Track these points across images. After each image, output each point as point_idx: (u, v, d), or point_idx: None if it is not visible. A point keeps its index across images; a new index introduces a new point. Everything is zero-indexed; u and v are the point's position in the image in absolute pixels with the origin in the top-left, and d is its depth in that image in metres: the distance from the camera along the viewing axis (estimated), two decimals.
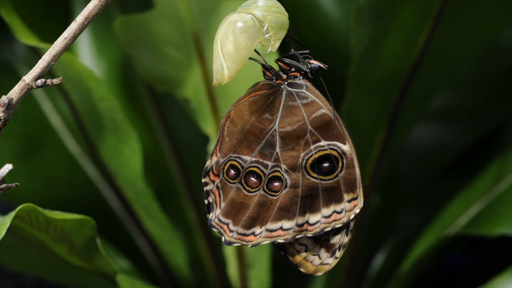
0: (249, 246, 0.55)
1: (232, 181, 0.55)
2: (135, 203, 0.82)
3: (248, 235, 0.55)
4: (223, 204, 0.55)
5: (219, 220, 0.55)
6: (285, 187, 0.55)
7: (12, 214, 0.59)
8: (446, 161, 0.94)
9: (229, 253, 0.83)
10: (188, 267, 0.89)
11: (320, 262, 0.57)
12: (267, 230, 0.55)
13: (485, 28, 0.82)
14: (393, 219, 0.95)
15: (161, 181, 0.91)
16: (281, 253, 0.57)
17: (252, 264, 0.83)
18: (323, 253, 0.57)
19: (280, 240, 0.55)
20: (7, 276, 1.04)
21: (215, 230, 0.55)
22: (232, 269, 0.83)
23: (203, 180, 0.55)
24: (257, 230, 0.55)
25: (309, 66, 0.55)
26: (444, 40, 0.80)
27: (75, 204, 0.88)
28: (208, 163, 0.55)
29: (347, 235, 0.56)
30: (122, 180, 0.80)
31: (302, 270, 0.57)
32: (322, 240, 0.57)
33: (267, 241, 0.55)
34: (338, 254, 0.56)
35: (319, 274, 0.57)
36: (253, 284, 0.83)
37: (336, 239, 0.56)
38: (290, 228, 0.55)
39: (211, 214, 0.55)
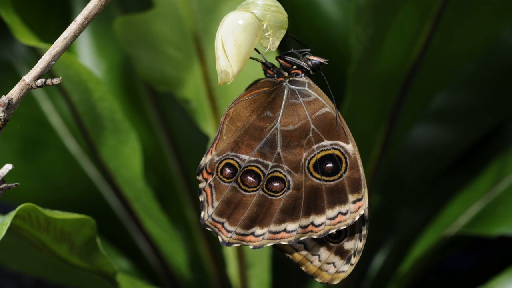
0: (251, 247, 0.55)
1: (227, 180, 0.54)
2: (135, 203, 0.82)
3: (247, 235, 0.55)
4: (216, 203, 0.55)
5: (213, 219, 0.55)
6: (288, 188, 0.54)
7: (12, 213, 0.59)
8: (446, 161, 0.94)
9: (229, 253, 0.83)
10: (188, 267, 0.89)
11: (336, 270, 0.56)
12: (270, 232, 0.54)
13: (485, 28, 0.82)
14: (393, 219, 0.95)
15: (161, 181, 0.91)
16: (294, 264, 0.57)
17: (252, 264, 0.83)
18: (338, 260, 0.56)
19: (284, 242, 0.54)
20: (7, 276, 1.05)
21: (209, 229, 0.55)
22: (232, 269, 0.83)
23: (197, 178, 0.55)
24: (257, 230, 0.55)
25: (310, 62, 0.54)
26: (444, 40, 0.80)
27: (75, 204, 0.88)
28: (203, 161, 0.54)
29: (361, 240, 0.55)
30: (122, 180, 0.80)
31: (318, 280, 0.56)
32: (335, 248, 0.56)
33: (271, 243, 0.55)
34: (354, 260, 0.55)
35: (335, 282, 0.56)
36: (253, 284, 0.83)
37: (351, 245, 0.55)
38: (294, 230, 0.54)
39: (203, 213, 0.55)
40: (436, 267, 1.05)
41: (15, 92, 0.51)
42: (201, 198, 0.55)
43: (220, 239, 0.55)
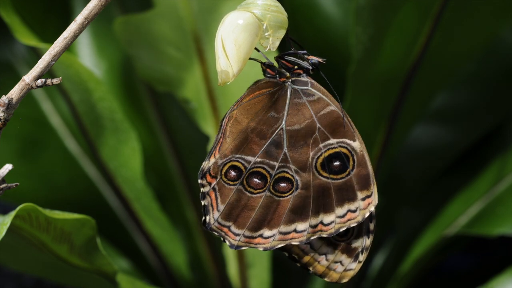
0: (261, 249, 0.54)
1: (232, 182, 0.54)
2: (135, 203, 0.82)
3: (255, 237, 0.54)
4: (221, 207, 0.54)
5: (219, 223, 0.54)
6: (296, 188, 0.54)
7: (13, 213, 0.59)
8: (446, 161, 0.94)
9: (229, 253, 0.83)
10: (188, 267, 0.89)
11: (344, 269, 0.56)
12: (281, 233, 0.54)
13: (485, 28, 0.82)
14: (393, 219, 0.95)
15: (161, 181, 0.91)
16: (299, 266, 0.56)
17: (252, 264, 0.83)
18: (345, 259, 0.56)
19: (294, 243, 0.54)
20: (7, 276, 1.05)
21: (216, 234, 0.54)
22: (232, 269, 0.83)
23: (199, 182, 0.54)
24: (266, 232, 0.54)
25: (309, 62, 0.54)
26: (444, 40, 0.80)
27: (75, 204, 0.88)
28: (205, 165, 0.54)
29: (368, 237, 0.55)
30: (122, 180, 0.80)
31: (326, 279, 0.56)
32: (342, 246, 0.55)
33: (282, 244, 0.54)
34: (362, 257, 0.55)
35: (344, 281, 0.56)
36: (253, 284, 0.83)
37: (358, 243, 0.55)
38: (304, 230, 0.54)
39: (208, 217, 0.54)
40: (436, 267, 1.05)
41: (15, 92, 0.51)
42: (204, 203, 0.54)
43: (227, 243, 0.54)
